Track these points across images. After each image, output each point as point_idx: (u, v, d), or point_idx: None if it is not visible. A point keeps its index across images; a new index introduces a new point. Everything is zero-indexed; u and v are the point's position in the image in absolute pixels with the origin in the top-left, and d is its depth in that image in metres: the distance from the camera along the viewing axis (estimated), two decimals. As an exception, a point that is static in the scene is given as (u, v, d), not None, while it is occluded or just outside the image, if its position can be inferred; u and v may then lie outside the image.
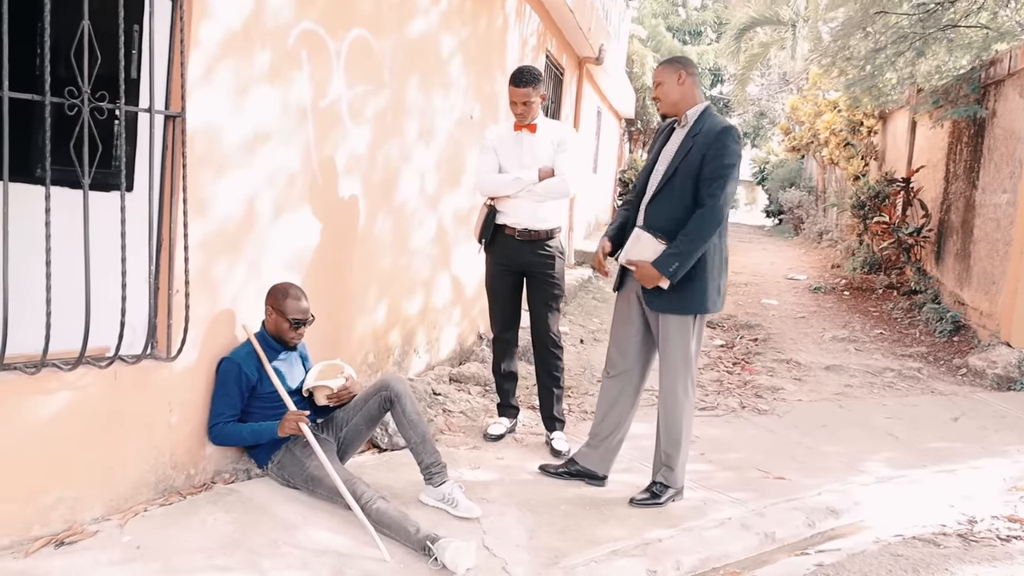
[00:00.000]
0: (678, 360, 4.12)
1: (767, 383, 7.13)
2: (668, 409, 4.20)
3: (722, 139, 3.97)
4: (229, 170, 3.70)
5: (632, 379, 4.35)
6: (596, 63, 11.07)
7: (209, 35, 3.47)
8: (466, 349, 6.63)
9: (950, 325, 9.17)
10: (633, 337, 4.30)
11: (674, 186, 4.04)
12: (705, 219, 3.96)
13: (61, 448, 3.19)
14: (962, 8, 9.90)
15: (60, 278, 3.10)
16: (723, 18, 32.78)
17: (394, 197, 5.23)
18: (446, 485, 3.85)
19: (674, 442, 4.21)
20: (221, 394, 3.78)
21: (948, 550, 4.06)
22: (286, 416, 3.70)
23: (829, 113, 15.28)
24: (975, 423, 6.30)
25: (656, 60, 21.61)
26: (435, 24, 5.47)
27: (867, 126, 14.50)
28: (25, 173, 3.86)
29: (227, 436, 3.79)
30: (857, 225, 12.91)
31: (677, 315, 4.07)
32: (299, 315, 3.87)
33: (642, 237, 4.12)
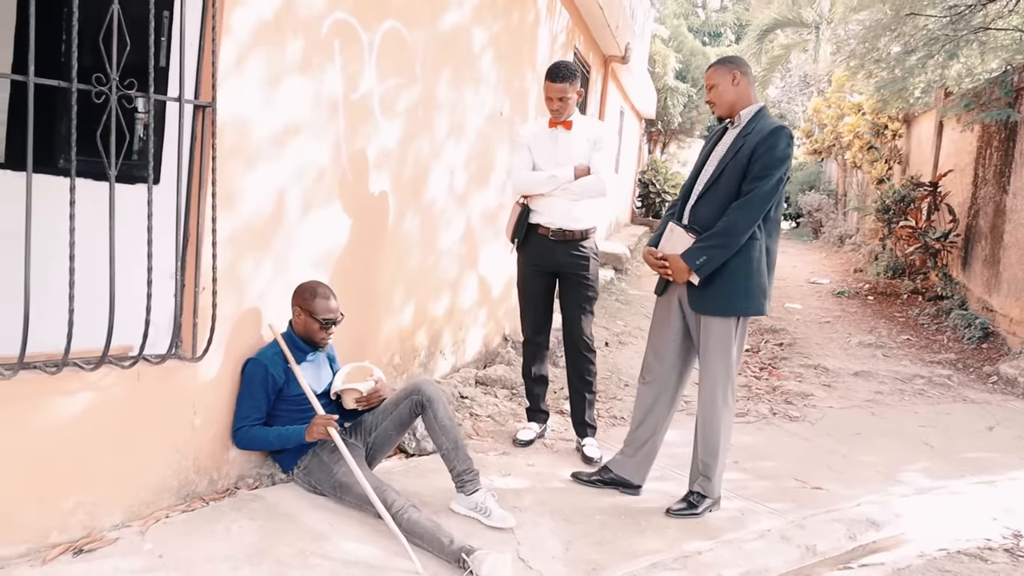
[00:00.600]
0: (719, 366, 3.98)
1: (796, 389, 6.98)
2: (707, 417, 4.05)
3: (772, 138, 3.81)
4: (259, 163, 3.57)
5: (669, 385, 4.21)
6: (622, 62, 10.92)
7: (241, 23, 3.34)
8: (491, 351, 6.49)
9: (979, 332, 8.99)
10: (672, 342, 4.15)
11: (720, 185, 3.90)
12: (739, 214, 3.81)
13: (81, 451, 3.07)
14: (994, 10, 9.72)
15: (81, 274, 2.97)
16: (743, 20, 32.60)
17: (423, 194, 5.09)
18: (479, 493, 3.71)
19: (712, 451, 4.06)
20: (247, 396, 3.65)
21: (997, 566, 3.92)
22: (314, 420, 3.56)
23: (853, 116, 15.07)
24: (1011, 433, 6.14)
25: (678, 60, 21.47)
26: (467, 17, 5.33)
27: (892, 129, 14.30)
28: (47, 163, 3.75)
29: (252, 440, 3.65)
30: (881, 229, 12.71)
31: (719, 317, 3.93)
32: (329, 315, 3.73)
33: (675, 231, 4.00)
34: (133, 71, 2.96)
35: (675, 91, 21.25)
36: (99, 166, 3.03)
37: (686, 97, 21.93)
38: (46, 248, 3.15)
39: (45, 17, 3.43)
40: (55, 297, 2.97)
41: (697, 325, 4.02)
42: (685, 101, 21.95)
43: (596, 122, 4.93)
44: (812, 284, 13.49)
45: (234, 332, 3.60)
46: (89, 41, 2.92)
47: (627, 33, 10.99)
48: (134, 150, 3.76)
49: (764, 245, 3.92)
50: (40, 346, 2.92)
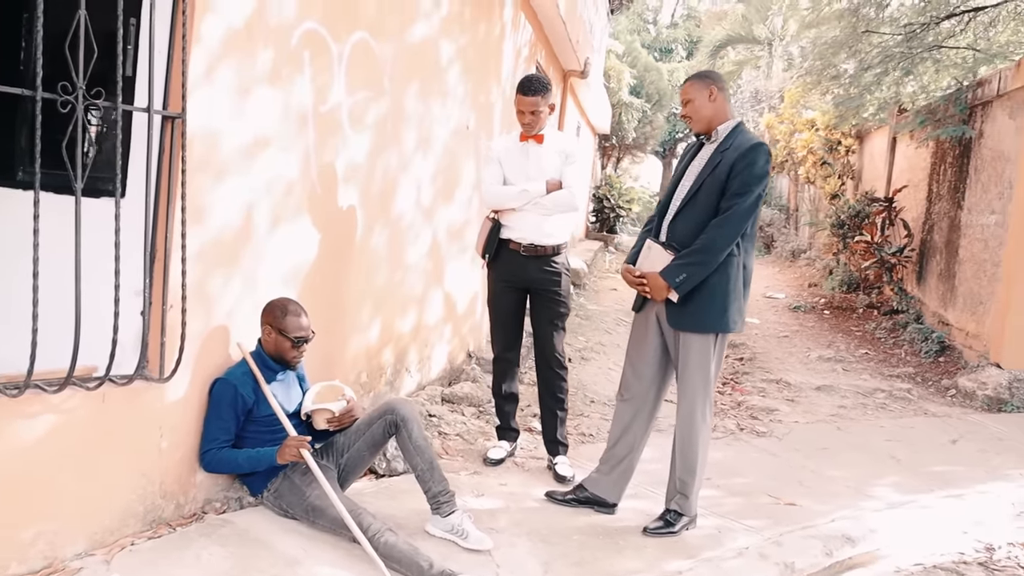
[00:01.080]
0: (697, 383, 3.94)
1: (761, 404, 6.99)
2: (685, 434, 4.01)
3: (751, 155, 3.79)
4: (228, 176, 3.45)
5: (647, 402, 4.16)
6: (581, 76, 10.93)
7: (211, 31, 3.23)
8: (456, 368, 6.40)
9: (936, 345, 9.11)
10: (650, 359, 4.11)
11: (699, 201, 3.87)
12: (719, 231, 3.79)
13: (42, 477, 2.92)
14: (946, 29, 9.91)
15: (44, 291, 2.83)
16: (694, 36, 33.02)
17: (391, 209, 5.00)
18: (455, 515, 3.61)
19: (690, 469, 4.02)
20: (215, 417, 3.51)
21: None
22: (286, 442, 3.45)
23: (806, 132, 15.27)
24: (974, 446, 6.20)
25: (633, 76, 21.60)
26: (436, 30, 5.26)
27: (845, 145, 14.51)
28: (6, 176, 3.59)
29: (221, 463, 3.52)
30: (836, 244, 12.87)
31: (698, 334, 3.89)
32: (300, 332, 3.62)
33: (653, 248, 3.96)
34: (95, 80, 2.84)
35: (629, 106, 21.37)
36: (60, 179, 2.90)
37: (640, 112, 22.06)
38: (5, 265, 3.01)
39: (1, 22, 3.30)
40: (15, 316, 2.83)
41: (675, 342, 3.98)
42: (639, 116, 22.08)
43: (567, 136, 4.89)
44: (768, 299, 13.60)
45: (202, 351, 3.47)
46: (49, 50, 2.80)
47: (587, 48, 11.01)
48: (92, 161, 3.62)
49: (741, 261, 3.90)
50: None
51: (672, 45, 35.67)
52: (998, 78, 8.46)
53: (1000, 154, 8.36)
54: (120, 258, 2.93)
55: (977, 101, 8.95)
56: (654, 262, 3.92)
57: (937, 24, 9.86)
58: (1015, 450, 6.13)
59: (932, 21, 9.82)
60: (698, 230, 3.83)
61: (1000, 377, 7.53)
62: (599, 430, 5.79)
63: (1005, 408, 7.29)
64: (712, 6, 36.65)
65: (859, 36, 9.84)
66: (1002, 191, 8.23)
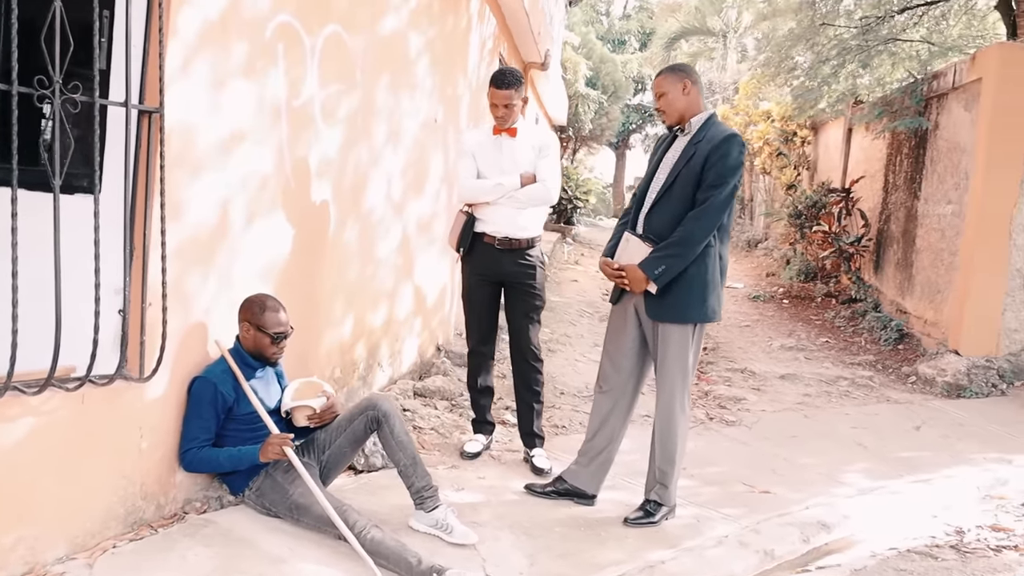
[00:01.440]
0: (676, 373, 3.97)
1: (728, 393, 7.07)
2: (664, 424, 4.03)
3: (725, 146, 3.82)
4: (204, 171, 3.40)
5: (626, 394, 4.18)
6: (542, 68, 10.93)
7: (187, 24, 3.18)
8: (426, 361, 6.38)
9: (895, 333, 9.27)
10: (628, 351, 4.12)
11: (674, 193, 3.89)
12: (696, 224, 3.82)
13: (22, 482, 2.85)
14: (901, 22, 10.09)
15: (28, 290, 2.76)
16: (647, 28, 33.18)
17: (362, 203, 4.96)
18: (439, 510, 3.60)
19: (669, 459, 4.05)
20: (195, 416, 3.46)
21: (947, 563, 4.00)
22: (268, 440, 3.41)
23: (762, 123, 15.43)
24: (937, 432, 6.32)
25: (589, 67, 21.66)
26: (405, 22, 5.22)
27: (800, 136, 14.68)
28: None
29: (202, 462, 3.47)
30: (793, 234, 13.03)
31: (677, 324, 3.91)
32: (279, 328, 3.58)
33: (631, 241, 3.98)
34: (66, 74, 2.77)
35: (586, 98, 21.44)
36: (30, 174, 2.84)
37: (596, 104, 22.14)
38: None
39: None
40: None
41: (654, 333, 4.00)
42: (596, 108, 22.16)
43: (541, 129, 4.90)
44: (727, 288, 13.72)
45: (180, 349, 3.41)
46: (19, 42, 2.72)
47: (547, 40, 11.01)
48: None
49: (718, 252, 3.93)
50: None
51: (625, 37, 35.82)
52: (953, 71, 8.62)
53: (956, 145, 8.53)
54: (97, 256, 2.87)
55: (933, 93, 9.10)
56: (632, 254, 3.94)
57: (892, 18, 10.03)
58: (976, 435, 6.26)
59: (887, 15, 9.99)
60: (674, 222, 3.86)
61: (959, 364, 7.69)
62: (571, 421, 5.81)
63: (964, 394, 7.45)
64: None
65: (816, 29, 9.96)
66: (958, 182, 8.39)
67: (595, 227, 23.96)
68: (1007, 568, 3.93)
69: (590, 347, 8.45)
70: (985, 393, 7.49)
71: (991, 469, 5.45)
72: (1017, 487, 5.21)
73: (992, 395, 7.50)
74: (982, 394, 7.47)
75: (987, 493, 5.11)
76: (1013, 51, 8.01)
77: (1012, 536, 4.40)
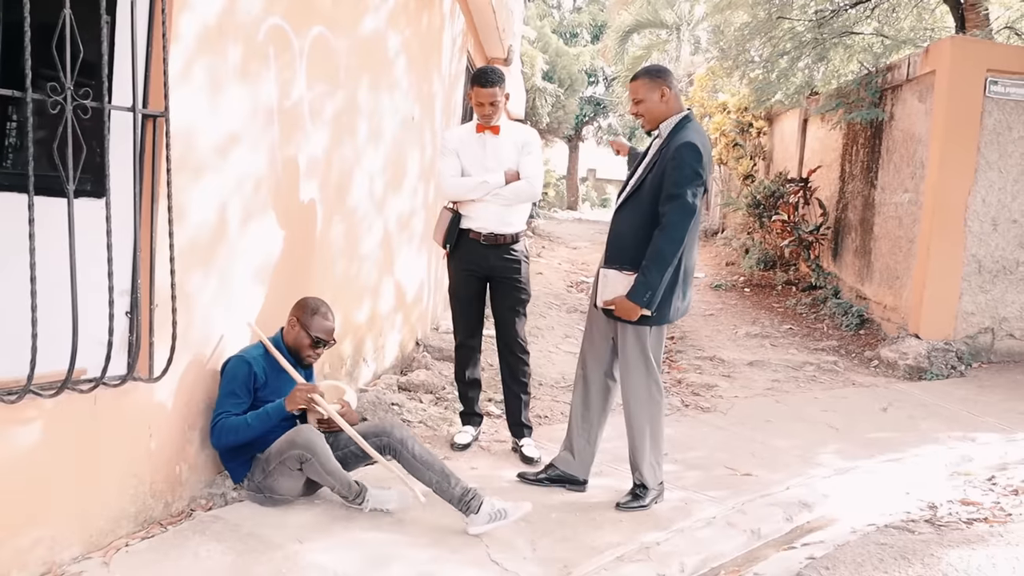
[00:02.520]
0: (636, 363, 4.09)
1: (699, 380, 7.24)
2: (627, 412, 4.19)
3: (678, 156, 3.89)
4: (204, 174, 3.45)
5: (604, 382, 4.31)
6: (505, 64, 11.01)
7: (188, 28, 3.23)
8: (407, 356, 6.45)
9: (856, 319, 9.53)
10: (604, 343, 4.26)
11: (641, 196, 4.02)
12: (663, 241, 3.88)
13: (37, 483, 2.90)
14: (854, 15, 10.35)
15: (20, 295, 2.78)
16: (598, 20, 33.35)
17: (347, 201, 5.03)
18: (485, 504, 3.65)
19: (636, 445, 4.18)
20: (228, 393, 3.59)
21: (924, 536, 4.17)
22: (295, 388, 3.57)
23: (719, 115, 15.67)
24: (903, 413, 6.54)
25: (545, 61, 21.80)
26: (384, 22, 5.29)
27: (756, 127, 14.95)
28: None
29: (230, 431, 3.56)
30: (752, 223, 13.27)
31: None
32: (323, 335, 3.76)
33: (609, 275, 4.05)
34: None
35: (543, 92, 21.59)
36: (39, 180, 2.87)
37: (553, 97, 22.29)
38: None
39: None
40: (6, 321, 2.79)
41: (614, 327, 4.13)
42: (553, 101, 22.31)
43: (523, 127, 4.98)
44: (689, 278, 13.93)
45: (182, 348, 3.46)
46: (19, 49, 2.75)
47: (510, 35, 11.10)
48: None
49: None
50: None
51: (577, 30, 35.97)
52: (907, 63, 8.87)
53: (912, 135, 8.79)
54: (94, 258, 2.92)
55: (887, 85, 9.36)
56: (615, 287, 4.00)
57: (845, 11, 10.28)
58: (939, 415, 6.49)
59: (840, 8, 10.25)
60: (635, 223, 3.98)
61: (920, 347, 7.94)
62: (552, 411, 5.93)
63: (926, 376, 7.70)
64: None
65: (773, 22, 10.18)
66: (914, 171, 8.65)
67: (552, 220, 24.14)
68: (980, 539, 4.12)
69: (561, 338, 8.58)
70: (945, 375, 7.75)
71: (956, 447, 5.67)
72: (982, 463, 5.43)
73: (952, 376, 7.76)
74: (942, 376, 7.73)
75: (954, 470, 5.32)
76: (964, 45, 8.29)
77: (981, 509, 4.60)
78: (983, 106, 8.07)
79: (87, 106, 2.80)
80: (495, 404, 5.65)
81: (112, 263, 2.90)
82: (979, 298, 8.27)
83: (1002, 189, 8.21)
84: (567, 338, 8.68)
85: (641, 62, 23.45)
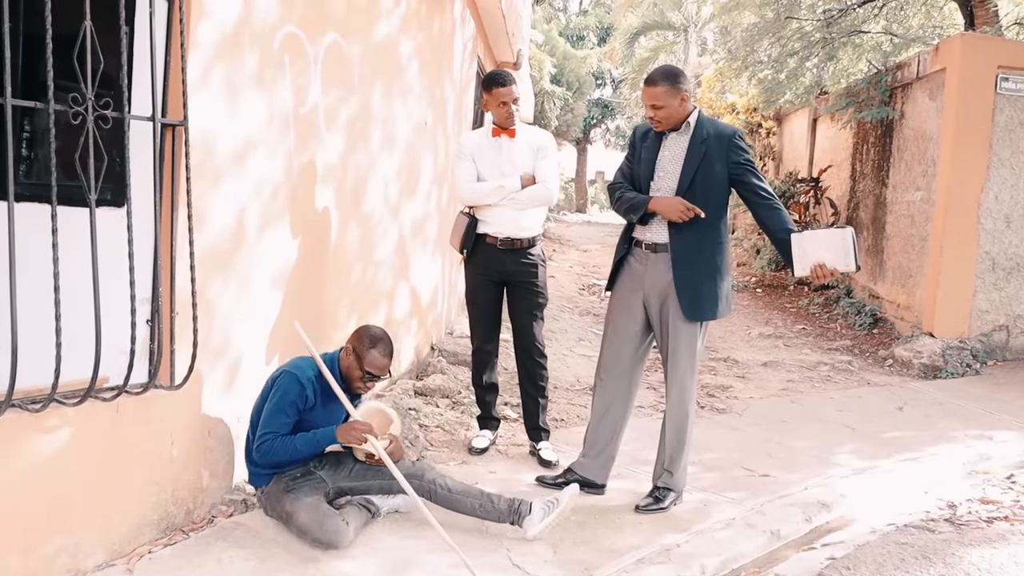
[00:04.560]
0: (687, 364, 4.11)
1: (714, 382, 7.23)
2: (676, 413, 4.17)
3: (736, 142, 4.02)
4: (223, 181, 3.47)
5: (625, 384, 4.30)
6: (514, 68, 11.03)
7: (205, 37, 3.25)
8: (423, 361, 6.47)
9: (869, 318, 9.51)
10: (630, 341, 4.24)
11: (695, 194, 3.98)
12: (781, 211, 4.04)
13: (61, 491, 2.92)
14: (861, 14, 10.34)
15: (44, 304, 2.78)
16: (604, 23, 33.37)
17: (362, 207, 5.05)
18: (536, 503, 3.68)
19: (679, 446, 4.19)
20: (278, 410, 3.50)
21: (944, 535, 4.16)
22: (352, 423, 3.51)
23: (727, 116, 15.66)
24: (919, 412, 6.53)
25: (553, 64, 21.82)
26: (396, 28, 5.31)
27: (765, 127, 14.94)
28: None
29: (277, 451, 3.49)
30: (763, 224, 13.24)
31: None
32: (375, 371, 3.64)
33: (804, 239, 3.89)
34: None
35: (551, 95, 21.61)
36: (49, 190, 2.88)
37: (562, 100, 22.31)
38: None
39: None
40: (28, 330, 2.80)
41: (662, 327, 4.12)
42: (561, 104, 22.33)
43: (538, 130, 4.98)
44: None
45: (203, 355, 3.47)
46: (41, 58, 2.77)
47: (519, 39, 11.11)
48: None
49: (727, 248, 4.13)
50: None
51: (584, 32, 36.00)
52: (917, 61, 8.86)
53: (923, 133, 8.77)
54: (132, 268, 2.94)
55: (898, 83, 9.35)
56: (818, 246, 3.86)
57: (854, 10, 10.28)
58: (955, 414, 6.48)
59: (848, 7, 10.24)
60: (700, 223, 3.98)
61: (934, 346, 7.93)
62: (568, 414, 5.93)
63: (940, 375, 7.69)
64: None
65: (781, 22, 10.18)
66: (926, 169, 8.63)
67: (562, 223, 24.13)
68: (1000, 537, 4.11)
69: (575, 341, 8.59)
70: (960, 373, 7.74)
71: (973, 445, 5.66)
72: (1000, 461, 5.41)
73: (967, 375, 7.75)
74: (957, 374, 7.72)
75: (972, 468, 5.30)
76: (975, 41, 8.28)
77: (1001, 508, 4.58)
78: (994, 103, 8.07)
79: (108, 116, 2.82)
80: (511, 408, 5.66)
81: (134, 271, 2.91)
82: (993, 296, 8.25)
83: (1015, 186, 8.19)
84: (581, 341, 8.69)
85: (648, 64, 23.45)
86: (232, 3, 3.39)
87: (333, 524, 3.37)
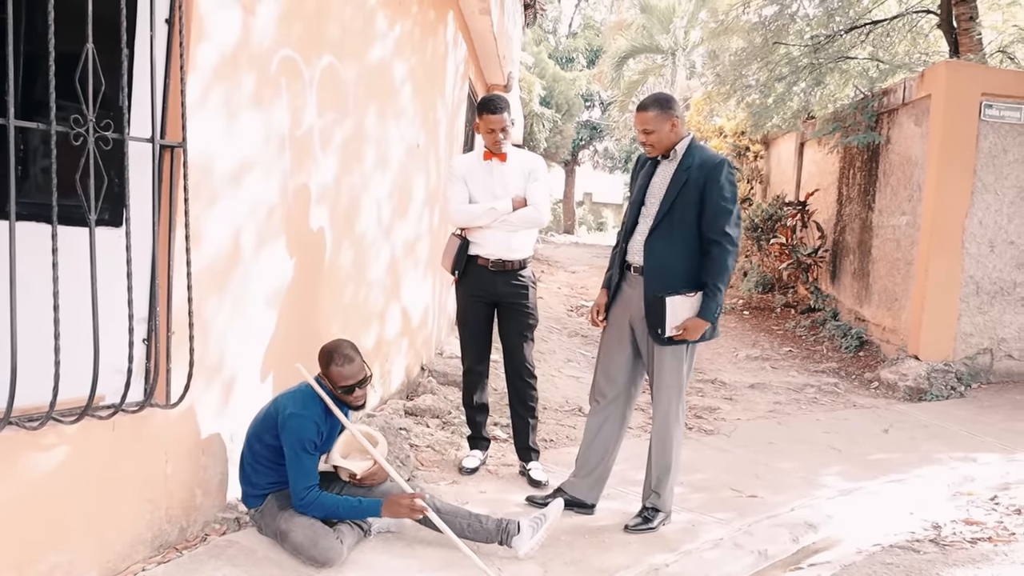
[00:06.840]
0: (672, 387, 4.15)
1: (702, 403, 7.28)
2: (661, 435, 4.21)
3: (716, 174, 3.99)
4: (219, 202, 3.51)
5: (619, 407, 4.35)
6: (505, 90, 11.12)
7: (204, 59, 3.30)
8: (413, 381, 6.50)
9: (855, 341, 9.60)
10: (623, 365, 4.29)
11: (673, 220, 4.03)
12: (729, 256, 4.00)
13: (56, 508, 2.93)
14: (848, 40, 10.49)
15: (39, 323, 2.81)
16: (594, 45, 33.63)
17: (355, 227, 5.09)
18: (524, 522, 3.73)
19: (665, 467, 4.23)
20: (306, 456, 3.48)
21: (929, 556, 4.22)
22: (397, 499, 3.52)
23: (715, 139, 15.80)
24: (904, 434, 6.59)
25: (543, 87, 21.97)
26: (390, 51, 5.37)
27: (753, 151, 15.07)
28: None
29: (321, 507, 3.49)
30: (750, 247, 13.36)
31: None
32: (348, 381, 3.60)
33: (674, 302, 4.03)
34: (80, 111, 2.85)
35: (541, 117, 21.73)
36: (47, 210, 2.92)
37: (551, 122, 22.44)
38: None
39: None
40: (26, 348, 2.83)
41: (648, 349, 4.17)
42: (550, 126, 22.46)
43: (529, 154, 5.05)
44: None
45: (198, 374, 3.50)
46: (40, 80, 2.81)
47: (509, 62, 11.21)
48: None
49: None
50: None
51: (573, 55, 36.27)
52: (903, 87, 8.99)
53: (908, 159, 8.89)
54: (130, 287, 2.97)
55: (884, 109, 9.48)
56: (682, 312, 4.03)
57: (841, 36, 10.42)
58: (940, 436, 6.54)
59: (836, 33, 10.39)
60: (676, 248, 4.03)
61: (919, 368, 8.01)
62: (557, 435, 5.96)
63: (926, 397, 7.76)
64: (610, 16, 37.37)
65: (770, 47, 10.31)
66: (912, 193, 8.75)
67: (550, 243, 24.22)
68: (984, 558, 4.17)
69: (563, 362, 8.63)
70: (945, 396, 7.82)
71: (957, 467, 5.72)
72: (984, 483, 5.47)
73: (952, 397, 7.83)
74: (942, 397, 7.80)
75: (956, 490, 5.36)
76: (959, 69, 8.41)
77: (984, 529, 4.64)
78: (979, 129, 8.19)
79: (108, 138, 2.87)
80: (501, 428, 5.69)
81: (132, 291, 2.95)
82: (977, 319, 8.34)
83: (999, 211, 8.30)
84: (569, 362, 8.73)
85: (637, 87, 23.66)
86: (231, 26, 3.44)
87: (328, 543, 3.40)
